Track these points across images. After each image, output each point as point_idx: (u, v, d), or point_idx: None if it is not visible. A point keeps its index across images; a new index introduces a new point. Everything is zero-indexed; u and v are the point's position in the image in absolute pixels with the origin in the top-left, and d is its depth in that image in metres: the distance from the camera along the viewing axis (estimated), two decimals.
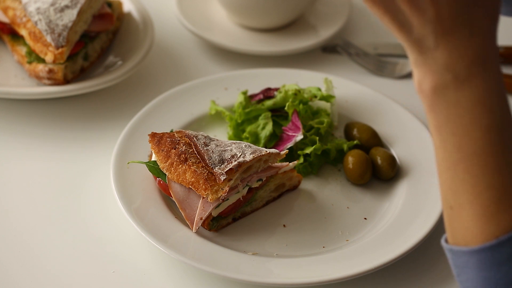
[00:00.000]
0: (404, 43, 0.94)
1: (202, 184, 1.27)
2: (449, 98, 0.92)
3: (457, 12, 0.91)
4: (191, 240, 1.28)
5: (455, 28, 0.91)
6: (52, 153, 1.49)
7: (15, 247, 1.31)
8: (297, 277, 1.22)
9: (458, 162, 0.92)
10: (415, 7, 0.91)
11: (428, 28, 0.91)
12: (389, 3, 0.92)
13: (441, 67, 0.92)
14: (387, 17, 0.93)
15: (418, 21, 0.92)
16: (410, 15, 0.92)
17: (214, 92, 1.56)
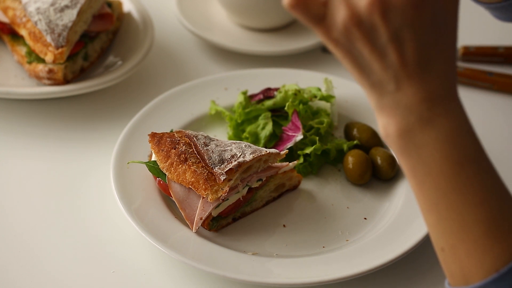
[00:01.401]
0: (364, 87, 0.94)
1: (202, 184, 1.27)
2: (417, 140, 0.91)
3: (420, 57, 0.90)
4: (191, 240, 1.28)
5: (417, 71, 0.90)
6: (52, 153, 1.49)
7: (15, 247, 1.31)
8: (297, 277, 1.22)
9: (438, 201, 0.92)
10: (376, 52, 0.90)
11: (390, 72, 0.91)
12: (350, 46, 0.90)
13: (404, 110, 0.91)
14: (348, 59, 0.92)
15: (379, 65, 0.91)
16: (371, 59, 0.91)
17: (214, 92, 1.56)
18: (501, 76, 1.66)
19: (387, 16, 0.87)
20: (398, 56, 0.89)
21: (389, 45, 0.89)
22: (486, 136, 1.56)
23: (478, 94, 1.67)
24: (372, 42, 0.89)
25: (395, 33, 0.88)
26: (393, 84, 0.91)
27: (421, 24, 0.88)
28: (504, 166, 1.49)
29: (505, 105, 1.64)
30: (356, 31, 0.89)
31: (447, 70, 0.92)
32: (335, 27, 0.90)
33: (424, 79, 0.90)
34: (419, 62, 0.90)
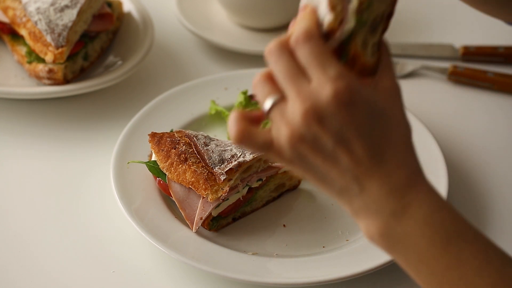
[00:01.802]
0: (334, 197, 0.94)
1: (202, 184, 1.27)
2: (398, 234, 0.91)
3: (371, 152, 0.90)
4: (191, 240, 1.28)
5: (373, 167, 0.91)
6: (52, 153, 1.49)
7: (14, 247, 1.31)
8: (297, 277, 1.22)
9: (440, 283, 0.92)
10: (328, 159, 0.91)
11: (348, 176, 0.91)
12: (304, 161, 0.91)
13: (376, 209, 0.91)
14: (308, 175, 0.93)
15: (336, 172, 0.91)
16: (326, 168, 0.91)
17: (214, 92, 1.56)
18: (501, 76, 1.66)
19: (324, 123, 0.89)
20: (349, 157, 0.90)
21: (337, 149, 0.90)
22: (486, 136, 1.56)
23: (478, 94, 1.66)
24: (320, 151, 0.90)
25: (338, 136, 0.89)
26: (356, 186, 0.91)
27: (360, 121, 0.89)
28: (504, 166, 1.50)
29: (505, 105, 1.64)
30: (302, 146, 0.90)
31: (405, 157, 0.92)
32: (283, 148, 0.91)
33: (383, 173, 0.91)
34: (371, 157, 0.90)
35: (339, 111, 0.88)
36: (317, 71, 0.89)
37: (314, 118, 0.88)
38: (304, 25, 0.91)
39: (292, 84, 0.90)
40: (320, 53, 0.90)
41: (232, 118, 0.93)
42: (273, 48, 0.92)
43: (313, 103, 0.88)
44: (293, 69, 0.90)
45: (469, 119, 1.61)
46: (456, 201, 1.40)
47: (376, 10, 0.93)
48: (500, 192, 1.43)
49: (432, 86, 1.68)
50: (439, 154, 1.41)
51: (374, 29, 0.94)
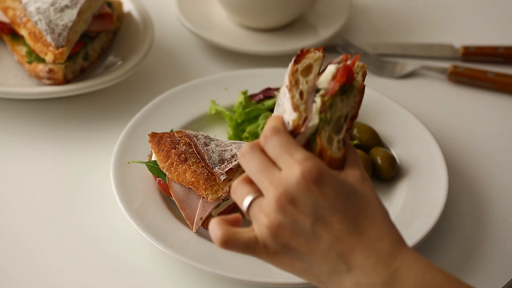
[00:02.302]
0: (325, 285, 0.96)
1: (202, 184, 1.27)
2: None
3: (349, 225, 0.93)
4: (191, 240, 1.28)
5: (354, 240, 0.93)
6: (52, 153, 1.49)
7: (14, 247, 1.31)
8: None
9: None
10: (310, 240, 0.93)
11: (333, 255, 0.93)
12: (289, 250, 0.94)
13: (367, 283, 0.92)
14: (295, 266, 0.95)
15: (320, 254, 0.93)
16: (310, 251, 0.94)
17: (214, 92, 1.56)
18: (501, 76, 1.66)
19: (297, 204, 0.92)
20: (328, 233, 0.92)
21: (316, 228, 0.92)
22: (486, 136, 1.56)
23: (478, 94, 1.67)
24: (301, 234, 0.93)
25: (314, 214, 0.92)
26: (343, 264, 0.93)
27: (331, 197, 0.92)
28: (504, 166, 1.50)
29: (505, 105, 1.64)
30: (283, 232, 0.93)
31: (384, 228, 0.94)
32: (267, 241, 0.94)
33: (365, 245, 0.93)
34: (350, 230, 0.93)
35: (309, 189, 0.92)
36: (285, 158, 0.93)
37: (287, 201, 0.92)
38: (270, 125, 0.97)
39: (264, 176, 0.94)
40: (287, 143, 0.95)
41: (212, 223, 0.96)
42: (244, 150, 0.97)
43: (284, 187, 0.92)
44: (263, 164, 0.95)
45: (469, 119, 1.61)
46: (456, 201, 1.41)
47: (340, 111, 1.02)
48: (500, 192, 1.43)
49: (432, 86, 1.69)
50: (439, 154, 1.41)
51: (338, 129, 1.02)
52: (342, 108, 1.02)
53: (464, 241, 1.34)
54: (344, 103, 1.03)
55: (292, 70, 1.04)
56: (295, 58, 1.05)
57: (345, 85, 1.02)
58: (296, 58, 1.05)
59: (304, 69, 1.04)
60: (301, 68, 1.04)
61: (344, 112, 1.02)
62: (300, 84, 1.03)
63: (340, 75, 1.02)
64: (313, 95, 1.02)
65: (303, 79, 1.03)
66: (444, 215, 1.35)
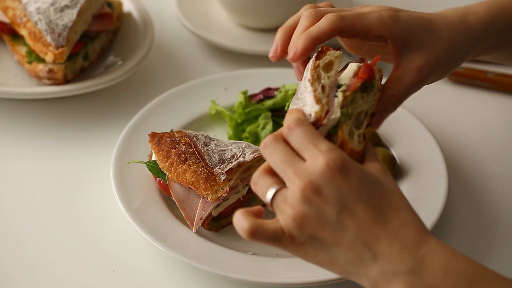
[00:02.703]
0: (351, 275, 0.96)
1: (202, 184, 1.27)
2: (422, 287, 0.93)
3: (374, 213, 0.93)
4: (191, 240, 1.28)
5: (380, 228, 0.93)
6: (52, 153, 1.49)
7: (14, 247, 1.31)
8: (297, 277, 1.22)
9: None
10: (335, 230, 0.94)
11: (358, 244, 0.94)
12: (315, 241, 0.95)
13: (393, 271, 0.93)
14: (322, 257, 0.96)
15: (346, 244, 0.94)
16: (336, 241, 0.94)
17: (214, 92, 1.56)
18: (501, 76, 1.66)
19: (322, 193, 0.93)
20: (354, 222, 0.93)
21: (341, 216, 0.93)
22: (486, 136, 1.56)
23: (478, 94, 1.67)
24: (326, 224, 0.94)
25: (339, 203, 0.93)
26: (368, 253, 0.94)
27: (356, 185, 0.93)
28: (504, 166, 1.50)
29: (505, 105, 1.64)
30: (308, 222, 0.94)
31: (408, 216, 0.95)
32: (293, 232, 0.95)
33: (390, 232, 0.93)
34: (375, 218, 0.93)
35: (334, 178, 0.93)
36: (309, 148, 0.95)
37: (312, 191, 0.93)
38: (293, 116, 0.98)
39: (288, 167, 0.95)
40: (311, 134, 0.96)
41: (237, 215, 0.97)
42: (267, 141, 0.98)
43: (309, 177, 0.93)
44: (288, 155, 0.96)
45: (469, 119, 1.61)
46: (456, 201, 1.41)
47: (360, 107, 1.05)
48: (500, 192, 1.43)
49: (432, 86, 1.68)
50: (439, 154, 1.41)
51: (359, 124, 1.04)
52: (363, 104, 1.05)
53: (464, 241, 1.34)
54: (364, 99, 1.05)
55: (314, 65, 1.06)
56: (316, 55, 1.08)
57: (365, 83, 1.05)
58: (318, 54, 1.08)
59: (326, 65, 1.07)
60: (322, 63, 1.07)
61: (365, 108, 1.05)
62: (322, 79, 1.05)
63: (362, 72, 1.06)
64: (334, 90, 1.04)
65: (324, 74, 1.06)
66: (444, 215, 1.35)
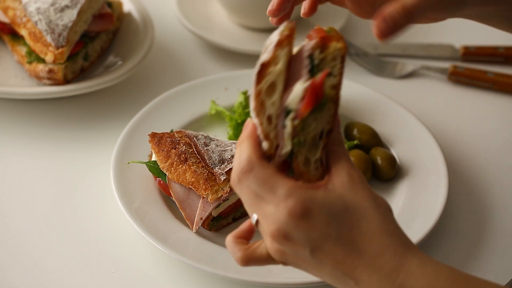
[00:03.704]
0: None
1: (202, 184, 1.27)
2: None
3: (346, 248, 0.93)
4: (191, 240, 1.28)
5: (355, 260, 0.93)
6: (52, 153, 1.49)
7: (14, 247, 1.31)
8: (297, 277, 1.22)
9: None
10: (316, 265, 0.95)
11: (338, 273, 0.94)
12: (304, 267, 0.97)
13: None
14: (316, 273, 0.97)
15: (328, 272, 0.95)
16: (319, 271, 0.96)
17: (214, 92, 1.56)
18: (501, 76, 1.66)
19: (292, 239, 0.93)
20: (329, 259, 0.94)
21: (316, 255, 0.94)
22: (486, 136, 1.56)
23: (478, 94, 1.67)
24: (305, 260, 0.95)
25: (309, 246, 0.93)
26: (350, 280, 0.94)
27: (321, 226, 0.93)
28: (504, 166, 1.50)
29: (505, 105, 1.64)
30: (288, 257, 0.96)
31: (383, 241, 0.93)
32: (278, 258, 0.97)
33: (366, 263, 0.93)
34: (350, 252, 0.93)
35: (298, 225, 0.92)
36: (268, 195, 0.94)
37: (281, 237, 0.93)
38: (244, 156, 0.95)
39: (255, 210, 0.95)
40: (264, 180, 0.94)
41: (230, 245, 0.99)
42: (233, 181, 0.97)
43: (276, 225, 0.93)
44: (251, 199, 0.95)
45: (469, 119, 1.61)
46: (456, 201, 1.41)
47: (314, 130, 0.95)
48: (500, 192, 1.43)
49: (432, 86, 1.69)
50: (439, 154, 1.41)
51: (315, 147, 0.96)
52: (317, 126, 0.95)
53: (464, 241, 1.34)
54: (318, 120, 0.95)
55: (256, 92, 0.94)
56: (256, 78, 0.94)
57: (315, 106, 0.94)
58: (258, 77, 0.95)
59: (268, 88, 0.94)
60: (264, 87, 0.94)
61: (319, 129, 0.95)
62: (266, 108, 0.94)
63: (308, 100, 0.93)
64: (282, 117, 0.94)
65: (268, 100, 0.94)
66: (444, 215, 1.35)
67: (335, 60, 0.96)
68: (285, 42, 0.97)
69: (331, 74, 0.95)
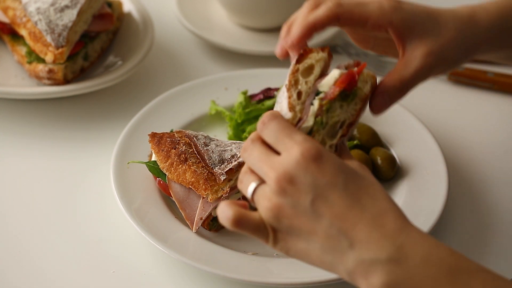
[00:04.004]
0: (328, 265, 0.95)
1: (202, 184, 1.27)
2: (402, 279, 0.90)
3: (350, 201, 0.92)
4: (191, 240, 1.28)
5: (356, 216, 0.92)
6: (52, 153, 1.49)
7: (14, 247, 1.31)
8: (297, 277, 1.22)
9: None
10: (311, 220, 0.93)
11: (334, 231, 0.92)
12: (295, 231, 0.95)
13: (371, 259, 0.91)
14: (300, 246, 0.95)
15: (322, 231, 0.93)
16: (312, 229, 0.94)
17: (214, 92, 1.56)
18: (501, 76, 1.66)
19: (296, 182, 0.93)
20: (329, 210, 0.92)
21: (316, 205, 0.92)
22: (486, 136, 1.56)
23: (478, 94, 1.67)
24: (302, 213, 0.93)
25: (313, 191, 0.92)
26: (344, 240, 0.92)
27: (332, 173, 0.92)
28: (504, 166, 1.50)
29: (505, 105, 1.64)
30: (284, 213, 0.94)
31: (387, 204, 0.94)
32: (271, 222, 0.95)
33: (368, 219, 0.92)
34: (351, 207, 0.92)
35: (308, 167, 0.92)
36: (284, 141, 0.95)
37: (286, 181, 0.93)
38: (270, 112, 0.99)
39: (264, 163, 0.95)
40: (285, 126, 0.96)
41: (222, 204, 0.97)
42: (246, 145, 0.99)
43: (284, 168, 0.93)
44: (263, 153, 0.96)
45: (469, 119, 1.61)
46: (456, 201, 1.41)
47: (337, 117, 1.02)
48: (500, 192, 1.43)
49: (432, 86, 1.68)
50: (439, 154, 1.41)
51: (333, 134, 1.02)
52: (340, 114, 1.03)
53: (464, 241, 1.34)
54: (343, 109, 1.03)
55: (293, 69, 1.03)
56: (297, 57, 1.04)
57: (346, 91, 1.02)
58: (299, 57, 1.04)
59: (306, 69, 1.04)
60: (302, 68, 1.04)
61: (342, 118, 1.03)
62: (299, 85, 1.02)
63: (341, 80, 1.02)
64: (312, 96, 1.02)
65: (303, 79, 1.03)
66: (444, 215, 1.35)
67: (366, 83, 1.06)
68: None
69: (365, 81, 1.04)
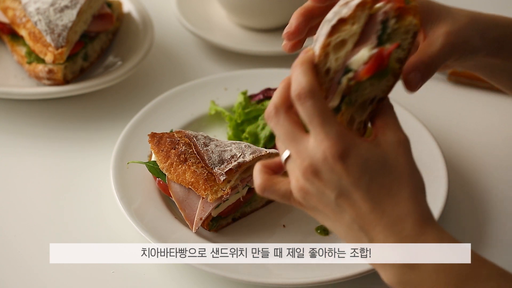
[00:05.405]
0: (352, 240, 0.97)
1: (202, 185, 1.27)
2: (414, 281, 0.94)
3: (371, 204, 0.93)
4: (191, 240, 1.28)
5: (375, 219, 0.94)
6: (52, 153, 1.49)
7: (14, 247, 1.31)
8: (297, 277, 1.22)
9: None
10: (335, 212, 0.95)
11: (355, 227, 0.95)
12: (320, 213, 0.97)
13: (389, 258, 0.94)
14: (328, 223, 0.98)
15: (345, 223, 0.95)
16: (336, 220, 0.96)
17: (214, 92, 1.56)
18: None
19: (322, 178, 0.93)
20: (351, 208, 0.94)
21: (340, 201, 0.94)
22: (486, 136, 1.56)
23: (478, 94, 1.66)
24: (326, 204, 0.95)
25: (338, 189, 0.93)
26: (365, 237, 0.95)
27: (356, 173, 0.93)
28: (504, 166, 1.50)
29: (505, 105, 1.64)
30: (310, 198, 0.96)
31: (407, 207, 0.94)
32: (299, 198, 0.97)
33: (386, 225, 0.93)
34: (372, 209, 0.93)
35: (334, 166, 0.92)
36: (316, 129, 0.93)
37: (312, 174, 0.93)
38: (306, 80, 0.94)
39: (291, 145, 0.95)
40: (320, 111, 0.93)
41: (256, 170, 0.99)
42: (269, 113, 0.97)
43: (311, 160, 0.93)
44: (290, 132, 0.95)
45: (469, 119, 1.61)
46: (456, 201, 1.40)
47: (368, 95, 0.97)
48: (499, 192, 1.43)
49: (432, 86, 1.68)
50: (439, 154, 1.41)
51: (363, 109, 0.98)
52: (371, 91, 0.97)
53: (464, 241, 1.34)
54: (374, 86, 0.97)
55: (325, 43, 0.95)
56: (330, 30, 0.95)
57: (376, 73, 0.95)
58: (332, 29, 0.95)
59: (337, 44, 0.95)
60: (334, 42, 0.95)
61: (372, 95, 0.97)
62: (329, 61, 0.96)
63: (370, 66, 0.94)
64: (340, 73, 0.95)
65: (333, 55, 0.95)
66: (444, 215, 1.35)
67: (407, 34, 0.96)
68: (368, 5, 0.96)
69: (400, 46, 0.95)
